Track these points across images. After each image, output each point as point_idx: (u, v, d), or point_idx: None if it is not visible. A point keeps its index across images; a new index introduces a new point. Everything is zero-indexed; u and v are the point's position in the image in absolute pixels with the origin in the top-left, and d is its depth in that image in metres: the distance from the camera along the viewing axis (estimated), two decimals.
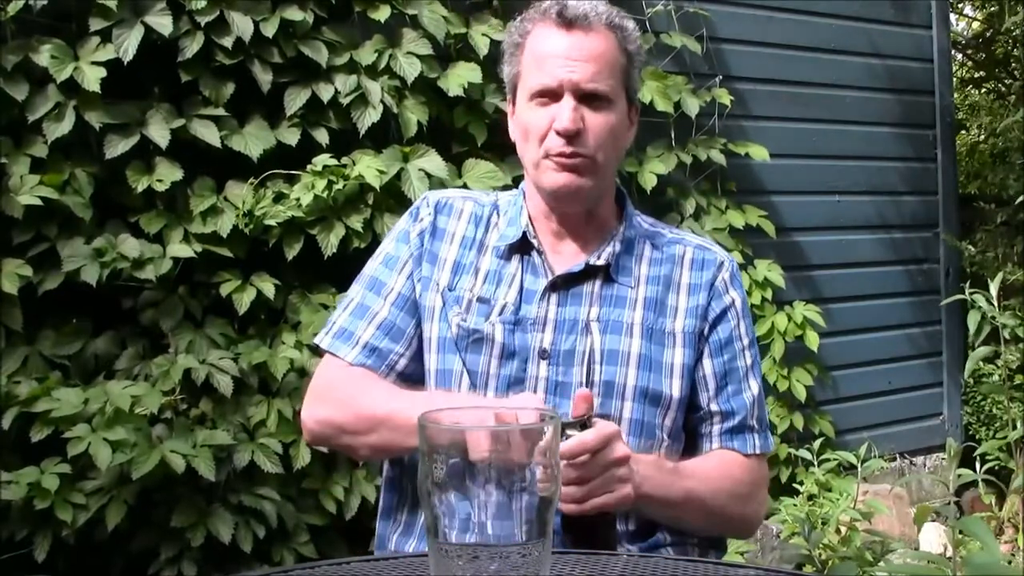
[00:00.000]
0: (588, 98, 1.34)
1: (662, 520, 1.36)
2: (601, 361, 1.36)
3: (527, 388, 1.34)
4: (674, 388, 1.38)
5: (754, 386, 1.45)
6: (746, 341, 1.45)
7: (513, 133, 1.45)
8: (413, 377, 1.42)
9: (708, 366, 1.42)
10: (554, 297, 1.39)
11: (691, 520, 1.37)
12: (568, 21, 1.35)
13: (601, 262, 1.40)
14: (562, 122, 1.33)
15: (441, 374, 1.39)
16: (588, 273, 1.40)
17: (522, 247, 1.42)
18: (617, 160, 1.43)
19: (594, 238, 1.43)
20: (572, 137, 1.33)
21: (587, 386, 1.34)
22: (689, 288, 1.43)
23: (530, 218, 1.44)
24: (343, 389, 1.39)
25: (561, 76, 1.33)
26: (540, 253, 1.41)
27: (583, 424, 1.18)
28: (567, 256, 1.42)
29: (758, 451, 1.44)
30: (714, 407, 1.42)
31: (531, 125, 1.37)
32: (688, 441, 1.44)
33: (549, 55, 1.35)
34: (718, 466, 1.40)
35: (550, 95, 1.35)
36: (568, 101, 1.33)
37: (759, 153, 3.68)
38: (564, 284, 1.39)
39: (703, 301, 1.42)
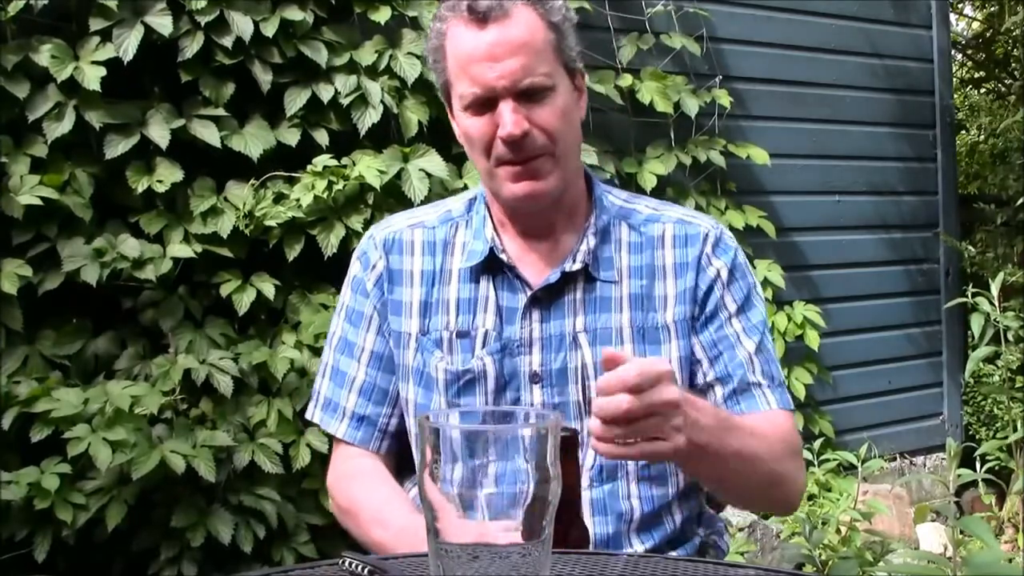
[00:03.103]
0: (526, 94, 1.23)
1: (708, 481, 1.27)
2: (596, 376, 1.28)
3: None
4: None
5: (749, 344, 1.33)
6: (733, 308, 1.34)
7: (459, 138, 1.34)
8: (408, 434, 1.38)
9: (697, 344, 1.33)
10: (536, 313, 1.30)
11: (744, 482, 1.24)
12: (481, 15, 1.21)
13: (578, 266, 1.31)
14: (505, 128, 1.21)
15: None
16: (567, 279, 1.31)
17: (491, 265, 1.32)
18: (577, 141, 1.33)
19: (567, 231, 1.34)
20: (519, 141, 1.22)
21: (584, 404, 1.28)
22: (676, 270, 1.34)
23: (495, 225, 1.34)
24: (358, 504, 1.35)
25: (491, 82, 1.22)
26: (511, 268, 1.31)
27: (568, 439, 0.95)
28: (541, 260, 1.33)
29: (775, 406, 1.32)
30: (710, 377, 1.33)
31: (473, 134, 1.26)
32: None
33: (471, 60, 1.23)
34: (762, 421, 1.28)
35: (485, 103, 1.23)
36: (507, 104, 1.22)
37: (760, 156, 3.68)
38: (544, 297, 1.31)
39: (691, 283, 1.33)
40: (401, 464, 1.43)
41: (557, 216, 1.33)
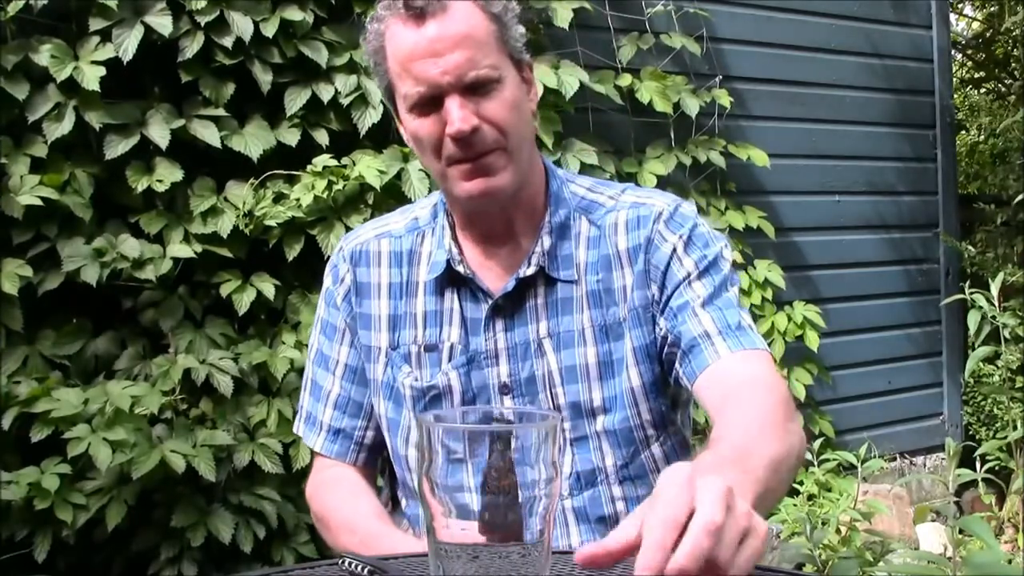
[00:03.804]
0: (472, 88, 1.17)
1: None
2: (562, 382, 1.25)
3: None
4: (632, 378, 1.25)
5: (700, 300, 1.22)
6: (694, 274, 1.24)
7: (408, 142, 1.29)
8: (385, 446, 1.37)
9: (663, 324, 1.24)
10: (499, 323, 1.27)
11: (783, 489, 1.08)
12: (419, 10, 1.17)
13: (532, 270, 1.26)
14: (453, 125, 1.16)
15: (402, 458, 1.33)
16: (525, 284, 1.26)
17: (452, 276, 1.28)
18: (530, 134, 1.27)
19: (526, 233, 1.29)
20: (469, 138, 1.17)
21: (556, 410, 1.25)
22: (629, 255, 1.27)
23: (453, 233, 1.30)
24: (329, 511, 1.35)
25: (435, 78, 1.16)
26: (471, 279, 1.27)
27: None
28: (501, 266, 1.29)
29: (724, 352, 1.18)
30: (674, 351, 1.23)
31: (421, 135, 1.21)
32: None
33: (412, 57, 1.17)
34: (741, 404, 1.12)
35: (430, 101, 1.18)
36: (453, 100, 1.16)
37: (760, 158, 3.68)
38: (506, 305, 1.27)
39: (642, 265, 1.26)
40: (395, 484, 1.43)
41: (516, 215, 1.28)
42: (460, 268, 1.27)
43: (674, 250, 1.25)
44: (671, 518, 0.68)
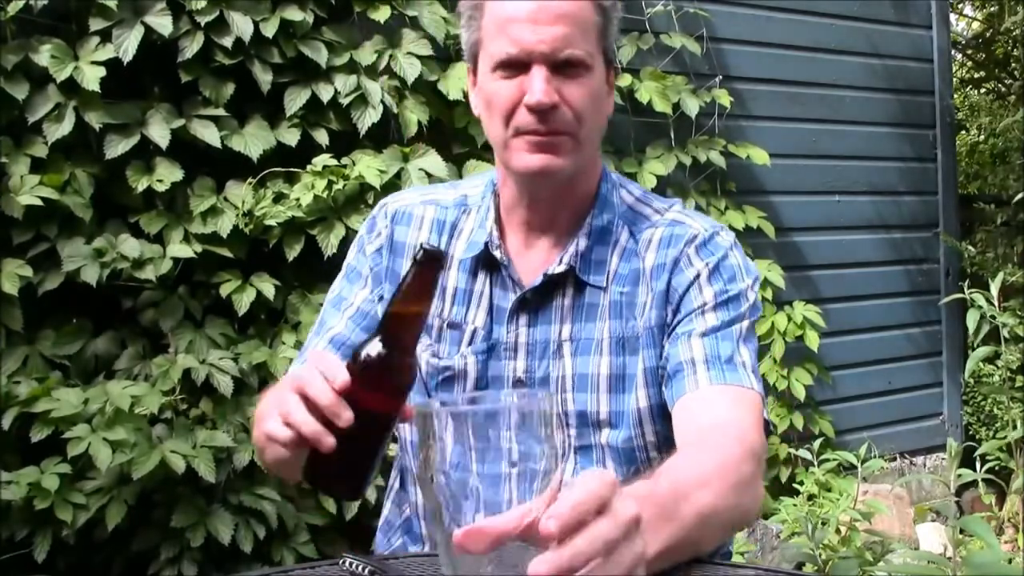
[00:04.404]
0: (561, 66, 1.16)
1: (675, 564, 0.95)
2: (573, 388, 1.23)
3: None
4: (640, 399, 1.22)
5: (703, 328, 1.20)
6: (708, 304, 1.22)
7: (476, 107, 1.27)
8: None
9: (666, 345, 1.22)
10: (524, 317, 1.25)
11: (708, 543, 1.01)
12: None
13: (562, 268, 1.23)
14: (534, 95, 1.14)
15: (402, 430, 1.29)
16: (555, 282, 1.24)
17: (488, 259, 1.27)
18: (600, 131, 1.26)
19: (568, 227, 1.27)
20: (546, 112, 1.15)
21: (562, 416, 1.23)
22: (653, 272, 1.24)
23: (498, 215, 1.29)
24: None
25: (528, 44, 1.15)
26: (506, 266, 1.26)
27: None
28: (538, 257, 1.27)
29: (704, 384, 1.15)
30: (664, 361, 1.21)
31: (496, 99, 1.18)
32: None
33: (513, 19, 1.16)
34: (704, 447, 1.06)
35: (517, 66, 1.16)
36: (539, 72, 1.15)
37: (760, 157, 3.68)
38: (533, 299, 1.25)
39: (663, 285, 1.23)
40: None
41: (561, 207, 1.26)
42: (496, 253, 1.26)
43: (697, 276, 1.23)
44: (582, 505, 0.68)
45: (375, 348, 0.89)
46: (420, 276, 0.89)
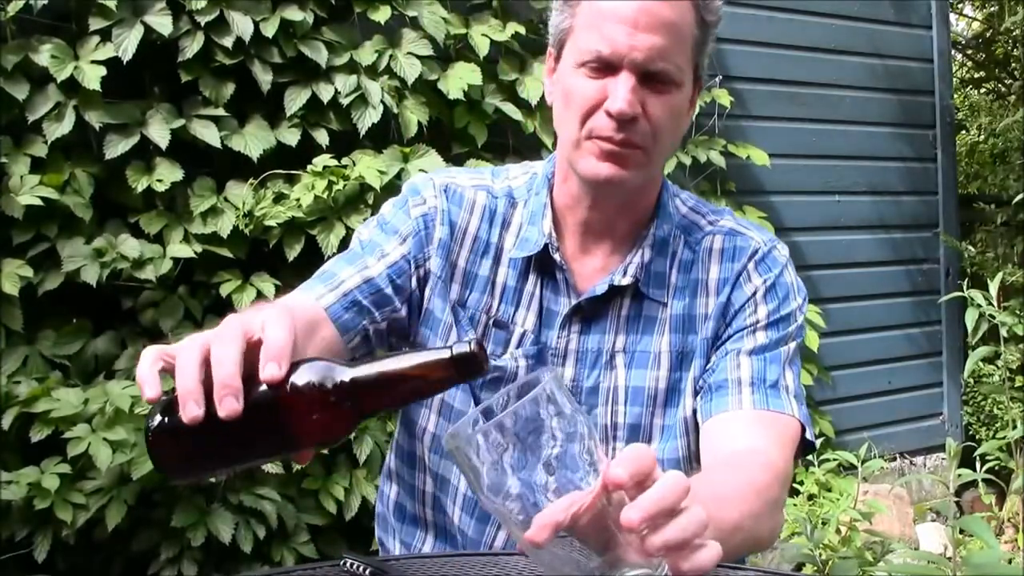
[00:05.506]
0: (650, 78, 1.11)
1: None
2: (626, 401, 1.20)
3: None
4: (687, 408, 1.21)
5: (751, 347, 1.19)
6: (761, 323, 1.21)
7: (550, 95, 1.21)
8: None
9: (713, 356, 1.21)
10: (576, 324, 1.21)
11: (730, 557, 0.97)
12: None
13: (628, 280, 1.20)
14: (617, 103, 1.09)
15: (415, 424, 1.24)
16: (614, 292, 1.21)
17: (543, 261, 1.22)
18: (673, 149, 1.22)
19: (627, 237, 1.23)
20: (625, 123, 1.10)
21: (611, 428, 1.19)
22: (717, 285, 1.22)
23: (554, 213, 1.23)
24: None
25: (622, 48, 1.09)
26: (563, 270, 1.21)
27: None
28: (594, 263, 1.23)
29: (748, 406, 1.14)
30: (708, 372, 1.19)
31: (576, 94, 1.13)
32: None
33: (611, 17, 1.10)
34: (736, 468, 1.07)
35: (605, 66, 1.11)
36: (627, 79, 1.09)
37: (760, 157, 3.68)
38: (588, 307, 1.21)
39: (724, 298, 1.22)
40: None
41: (622, 215, 1.22)
42: (556, 256, 1.21)
43: (754, 293, 1.22)
44: (663, 501, 0.71)
45: (341, 378, 0.74)
46: (444, 373, 0.75)
